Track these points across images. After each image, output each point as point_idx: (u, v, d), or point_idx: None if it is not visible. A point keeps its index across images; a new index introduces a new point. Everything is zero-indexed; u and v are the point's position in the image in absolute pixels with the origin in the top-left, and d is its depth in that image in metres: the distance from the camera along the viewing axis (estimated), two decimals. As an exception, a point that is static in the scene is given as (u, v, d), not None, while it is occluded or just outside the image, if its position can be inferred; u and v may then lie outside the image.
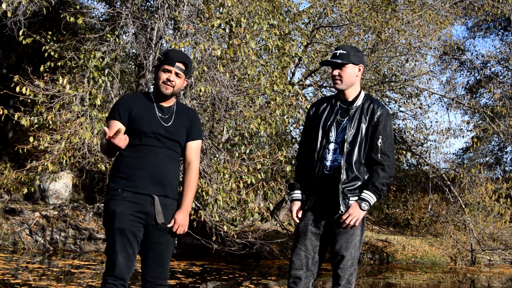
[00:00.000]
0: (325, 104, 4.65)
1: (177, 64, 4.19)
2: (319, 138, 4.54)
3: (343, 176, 4.42)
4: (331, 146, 4.51)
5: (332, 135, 4.52)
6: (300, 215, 4.58)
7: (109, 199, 4.12)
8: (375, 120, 4.50)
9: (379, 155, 4.46)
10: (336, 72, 4.53)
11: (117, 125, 4.13)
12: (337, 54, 4.51)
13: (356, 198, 4.44)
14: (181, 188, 4.30)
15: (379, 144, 4.48)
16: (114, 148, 3.96)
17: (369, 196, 4.41)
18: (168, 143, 4.17)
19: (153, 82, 4.35)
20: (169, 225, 4.15)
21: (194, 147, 4.31)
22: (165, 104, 4.27)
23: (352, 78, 4.54)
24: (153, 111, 4.21)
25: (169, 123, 4.20)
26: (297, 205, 4.59)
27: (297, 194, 4.61)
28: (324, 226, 4.52)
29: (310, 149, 4.60)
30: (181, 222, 4.17)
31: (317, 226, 4.53)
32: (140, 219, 4.09)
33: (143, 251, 4.19)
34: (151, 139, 4.13)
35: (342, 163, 4.43)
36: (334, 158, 4.49)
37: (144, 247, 4.18)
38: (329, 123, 4.54)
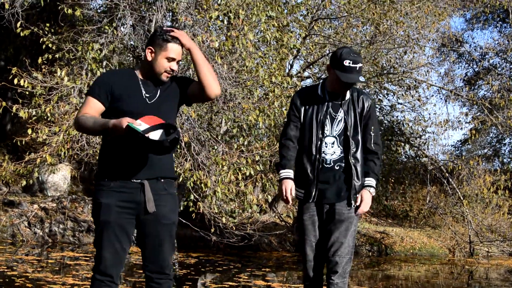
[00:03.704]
0: (312, 95, 4.66)
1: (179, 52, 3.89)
2: (315, 132, 4.57)
3: (354, 172, 4.54)
4: (328, 139, 4.56)
5: (327, 128, 4.56)
6: (293, 194, 4.59)
7: (96, 189, 3.86)
8: (366, 111, 4.63)
9: (372, 145, 4.62)
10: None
11: (96, 104, 3.83)
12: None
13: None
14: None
15: (372, 134, 4.63)
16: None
17: (373, 182, 4.58)
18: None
19: (143, 59, 3.92)
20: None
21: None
22: (152, 81, 3.93)
23: None
24: (138, 88, 3.90)
25: (154, 100, 3.90)
26: (290, 183, 4.58)
27: (289, 172, 4.61)
28: (326, 214, 4.59)
29: (303, 142, 4.63)
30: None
31: (320, 216, 4.60)
32: (130, 209, 3.80)
33: (140, 244, 3.91)
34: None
35: (350, 159, 4.54)
36: (332, 151, 4.55)
37: (140, 240, 3.91)
38: (322, 116, 4.57)
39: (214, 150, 10.76)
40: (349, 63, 4.47)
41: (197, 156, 10.24)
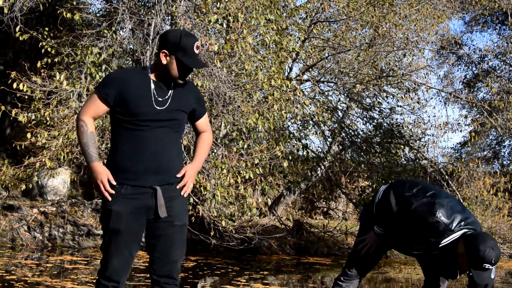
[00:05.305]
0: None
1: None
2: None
3: None
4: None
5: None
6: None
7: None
8: None
9: None
10: None
11: (100, 104, 3.80)
12: (493, 267, 4.21)
13: None
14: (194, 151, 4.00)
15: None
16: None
17: None
18: (167, 125, 3.78)
19: (156, 60, 3.87)
20: (180, 181, 3.84)
21: (204, 122, 4.05)
22: (165, 84, 3.84)
23: None
24: (149, 90, 3.80)
25: (163, 107, 3.80)
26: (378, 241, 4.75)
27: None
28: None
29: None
30: (190, 174, 3.85)
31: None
32: (142, 214, 3.74)
33: (149, 246, 3.84)
34: (147, 124, 3.74)
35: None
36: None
37: (149, 242, 3.84)
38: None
39: (213, 154, 10.75)
40: (488, 266, 4.19)
41: (196, 160, 10.23)
